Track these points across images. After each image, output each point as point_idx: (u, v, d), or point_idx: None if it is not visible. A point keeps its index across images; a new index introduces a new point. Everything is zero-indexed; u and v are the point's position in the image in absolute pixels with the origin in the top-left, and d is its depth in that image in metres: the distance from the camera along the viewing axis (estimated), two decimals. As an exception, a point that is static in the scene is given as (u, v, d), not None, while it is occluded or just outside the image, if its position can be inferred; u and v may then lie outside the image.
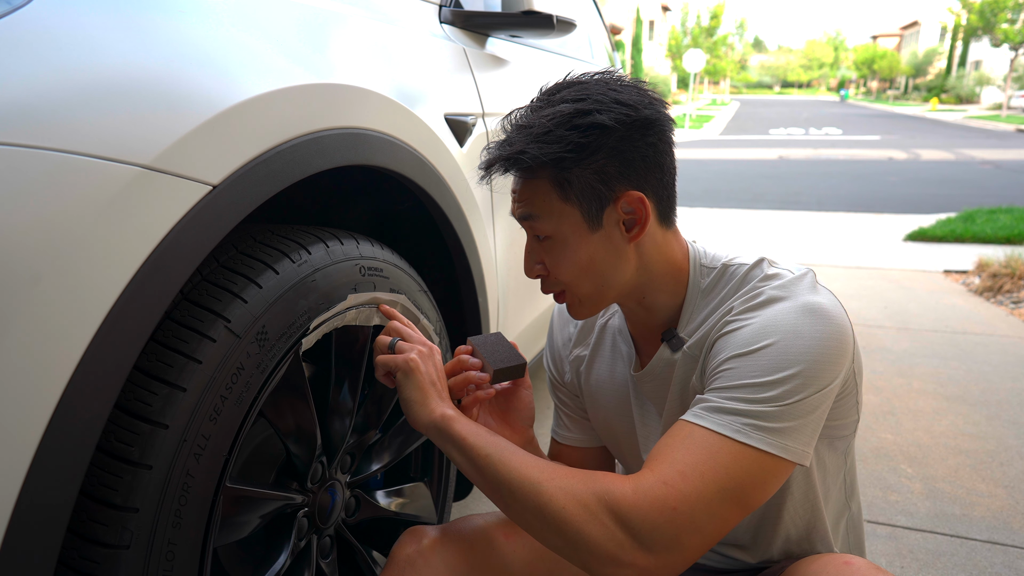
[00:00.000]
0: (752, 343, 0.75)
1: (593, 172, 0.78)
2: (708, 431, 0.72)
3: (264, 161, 0.73)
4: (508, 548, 0.92)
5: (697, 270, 0.87)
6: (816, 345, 0.74)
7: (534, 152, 0.77)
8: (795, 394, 0.72)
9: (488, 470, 0.76)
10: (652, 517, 0.68)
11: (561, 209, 0.80)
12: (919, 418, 2.25)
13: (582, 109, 0.77)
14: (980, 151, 13.41)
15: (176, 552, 0.68)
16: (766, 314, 0.77)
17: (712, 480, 0.69)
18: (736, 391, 0.74)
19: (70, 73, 0.57)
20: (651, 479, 0.70)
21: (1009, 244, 4.76)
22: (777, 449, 0.71)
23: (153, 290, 0.61)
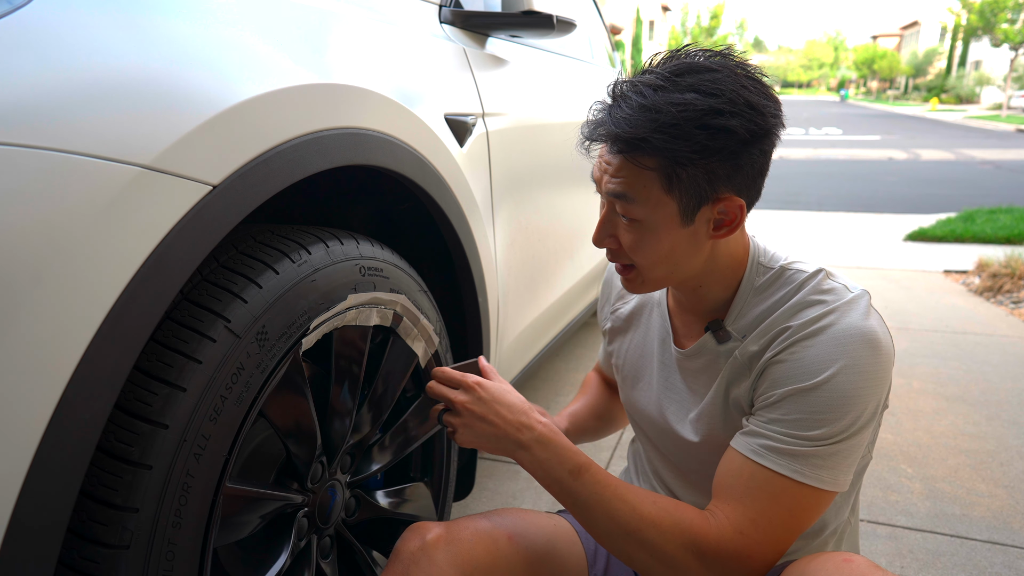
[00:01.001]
0: (809, 377, 0.78)
1: (704, 172, 0.77)
2: (770, 472, 0.78)
3: (264, 161, 0.73)
4: (512, 549, 0.92)
5: (754, 267, 0.88)
6: (870, 381, 0.77)
7: (657, 143, 0.74)
8: (847, 431, 0.77)
9: (571, 511, 0.84)
10: (731, 564, 0.77)
11: (660, 199, 0.78)
12: (919, 418, 2.25)
13: (715, 108, 0.74)
14: (980, 151, 13.41)
15: (176, 552, 0.68)
16: (824, 343, 0.78)
17: (778, 522, 0.77)
18: (793, 429, 0.78)
19: (70, 73, 0.57)
20: (728, 528, 0.77)
21: (1009, 244, 4.76)
22: (829, 485, 0.78)
23: (153, 290, 0.61)
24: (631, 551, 0.80)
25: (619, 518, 0.80)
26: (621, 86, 0.79)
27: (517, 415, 0.86)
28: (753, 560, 0.77)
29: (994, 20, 29.97)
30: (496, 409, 0.87)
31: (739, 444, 0.82)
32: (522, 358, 1.70)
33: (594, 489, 0.82)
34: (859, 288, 0.84)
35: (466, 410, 0.87)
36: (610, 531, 0.81)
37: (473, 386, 0.88)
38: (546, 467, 0.84)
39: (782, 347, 0.81)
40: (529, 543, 0.94)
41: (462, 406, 0.88)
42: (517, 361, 1.65)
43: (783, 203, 7.39)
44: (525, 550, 0.93)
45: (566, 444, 0.85)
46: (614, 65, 3.20)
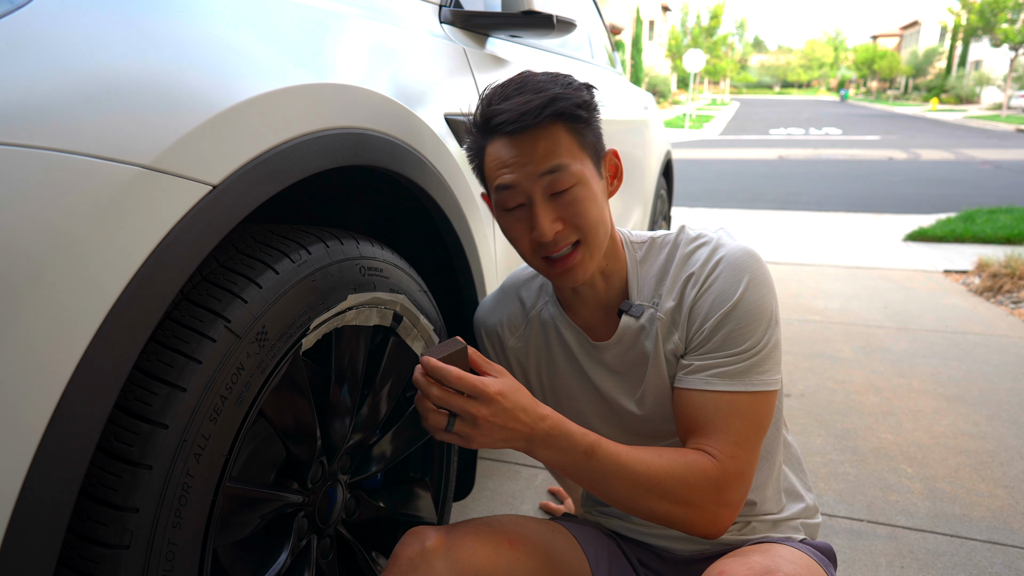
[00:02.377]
0: (728, 299, 0.89)
1: (590, 127, 0.91)
2: (730, 395, 0.88)
3: (264, 161, 0.73)
4: (512, 555, 0.91)
5: (628, 244, 1.00)
6: (767, 284, 0.90)
7: (569, 95, 0.87)
8: (767, 332, 0.89)
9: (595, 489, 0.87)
10: (736, 487, 0.86)
11: (581, 155, 0.89)
12: (919, 418, 2.25)
13: (565, 81, 0.90)
14: (980, 151, 13.42)
15: (176, 552, 0.68)
16: (725, 269, 0.90)
17: (752, 434, 0.88)
18: (731, 349, 0.89)
19: (70, 73, 0.57)
20: (723, 456, 0.86)
21: (1009, 244, 4.76)
22: (773, 384, 0.90)
23: (153, 290, 0.61)
24: (653, 504, 0.86)
25: (639, 480, 0.85)
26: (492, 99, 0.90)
27: (531, 414, 0.83)
28: (747, 475, 0.87)
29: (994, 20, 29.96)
30: (516, 415, 0.82)
31: (690, 383, 0.91)
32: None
33: (609, 461, 0.85)
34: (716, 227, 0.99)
35: (487, 422, 0.81)
36: (633, 494, 0.85)
37: (496, 398, 0.81)
38: (563, 455, 0.85)
39: (696, 288, 0.92)
40: (530, 548, 0.94)
41: (484, 420, 0.81)
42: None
43: (783, 203, 7.39)
44: (526, 556, 0.93)
45: (573, 427, 0.86)
46: (614, 65, 3.19)
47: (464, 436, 0.83)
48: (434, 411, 0.83)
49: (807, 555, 0.89)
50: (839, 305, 3.54)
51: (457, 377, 0.81)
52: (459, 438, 0.83)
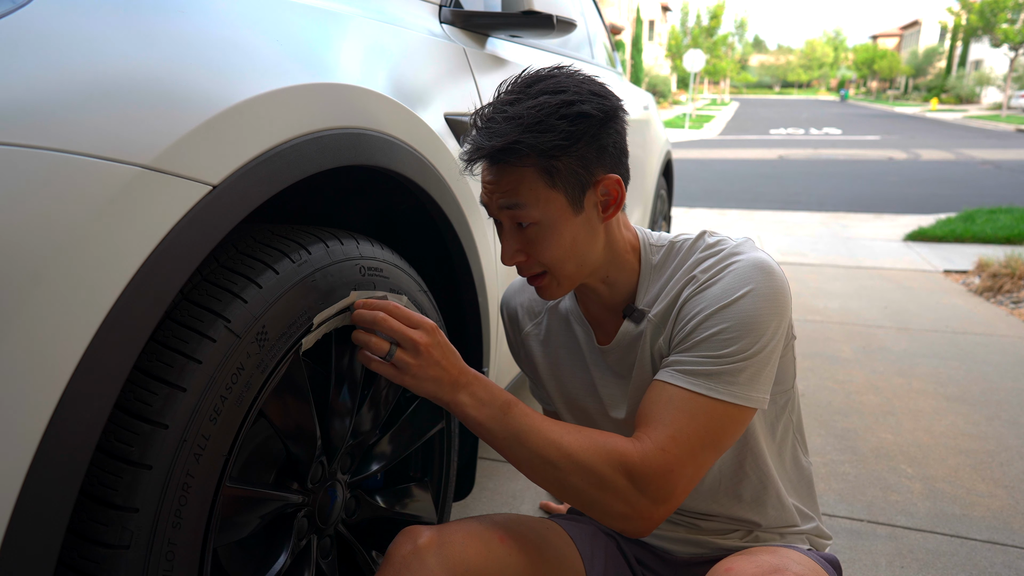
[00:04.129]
0: (718, 301, 0.85)
1: (576, 159, 0.84)
2: (685, 392, 0.84)
3: (264, 161, 0.73)
4: (504, 551, 0.92)
5: (647, 248, 0.97)
6: (769, 303, 0.85)
7: (530, 141, 0.81)
8: (753, 347, 0.84)
9: (509, 451, 0.86)
10: (658, 480, 0.81)
11: (548, 196, 0.85)
12: (919, 418, 2.25)
13: (566, 100, 0.83)
14: (980, 151, 13.41)
15: (176, 552, 0.68)
16: (727, 277, 0.87)
17: (696, 438, 0.83)
18: (705, 350, 0.84)
19: (70, 73, 0.57)
20: (651, 446, 0.82)
21: (1009, 244, 4.76)
22: (742, 400, 0.84)
23: (153, 290, 0.61)
24: (564, 477, 0.83)
25: (553, 445, 0.83)
26: (485, 110, 0.87)
27: (459, 358, 0.88)
28: (675, 475, 0.82)
29: (994, 20, 29.96)
30: (448, 355, 0.87)
31: (659, 376, 0.88)
32: (522, 358, 1.69)
33: (526, 421, 0.85)
34: (742, 236, 0.94)
35: (427, 352, 0.85)
36: (545, 458, 0.83)
37: (434, 329, 0.87)
38: (483, 403, 0.86)
39: (692, 290, 0.89)
40: (522, 544, 0.94)
41: (426, 348, 0.85)
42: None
43: (783, 203, 7.39)
44: (518, 551, 0.93)
45: (494, 384, 0.89)
46: (614, 65, 3.20)
47: (401, 366, 0.85)
48: (375, 338, 0.85)
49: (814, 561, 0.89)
50: (839, 305, 3.54)
51: (395, 306, 0.88)
52: (394, 369, 0.85)
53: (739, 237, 0.93)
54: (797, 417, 1.02)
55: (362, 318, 0.87)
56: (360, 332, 0.87)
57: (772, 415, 0.98)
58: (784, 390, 0.97)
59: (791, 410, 1.00)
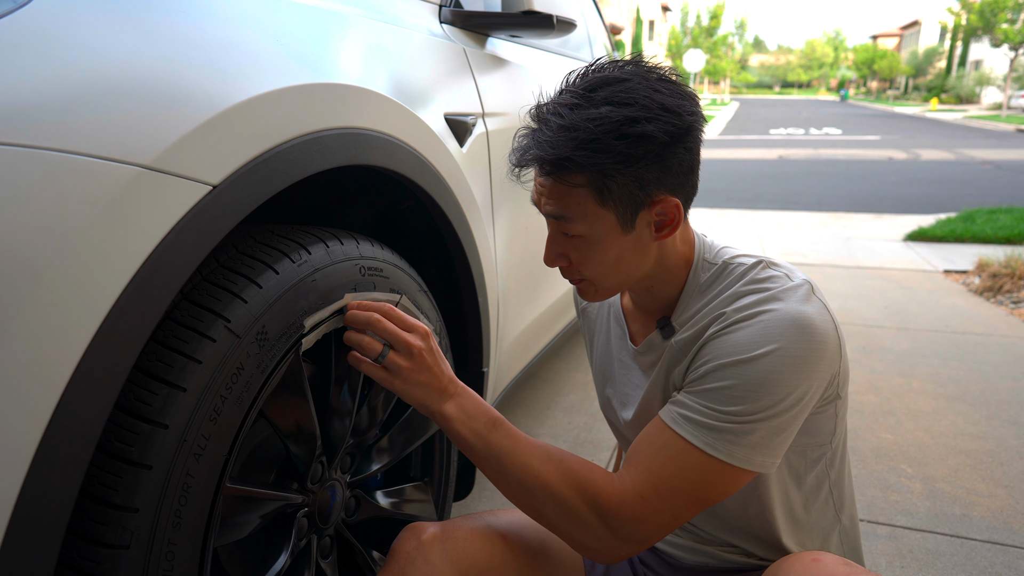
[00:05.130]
0: (736, 353, 0.78)
1: (633, 179, 0.78)
2: (682, 441, 0.79)
3: (264, 161, 0.73)
4: (507, 549, 0.92)
5: (699, 264, 0.90)
6: (798, 366, 0.77)
7: (580, 160, 0.76)
8: (766, 411, 0.77)
9: (487, 469, 0.84)
10: (630, 526, 0.79)
11: (596, 213, 0.80)
12: (919, 418, 2.25)
13: (630, 117, 0.75)
14: (980, 151, 13.41)
15: (176, 552, 0.68)
16: (756, 326, 0.79)
17: (680, 493, 0.79)
18: (712, 402, 0.78)
19: (70, 73, 0.57)
20: (630, 491, 0.79)
21: (1009, 244, 4.76)
22: (741, 463, 0.78)
23: (153, 290, 0.61)
24: (538, 504, 0.82)
25: (530, 472, 0.81)
26: (542, 109, 0.81)
27: (448, 368, 0.87)
28: (649, 525, 0.79)
29: (994, 20, 29.95)
30: (440, 363, 0.86)
31: (663, 412, 0.83)
32: (522, 358, 1.70)
33: (507, 442, 0.83)
34: (801, 277, 0.84)
35: (420, 356, 0.83)
36: (522, 484, 0.82)
37: (427, 335, 0.86)
38: (469, 418, 0.84)
39: (716, 328, 0.82)
40: (524, 542, 0.94)
41: (419, 352, 0.83)
42: (517, 361, 1.65)
43: (783, 203, 7.39)
44: (520, 549, 0.93)
45: (481, 399, 0.87)
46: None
47: (393, 369, 0.83)
48: (368, 338, 0.84)
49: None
50: (839, 305, 3.54)
51: (390, 308, 0.86)
52: (385, 372, 0.84)
53: (798, 277, 0.84)
54: (838, 473, 0.93)
55: (355, 319, 0.86)
56: (352, 333, 0.86)
57: (801, 466, 0.90)
58: (818, 443, 0.89)
59: (828, 464, 0.92)
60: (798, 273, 0.85)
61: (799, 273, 0.85)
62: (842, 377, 0.84)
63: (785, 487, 0.90)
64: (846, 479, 0.96)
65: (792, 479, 0.90)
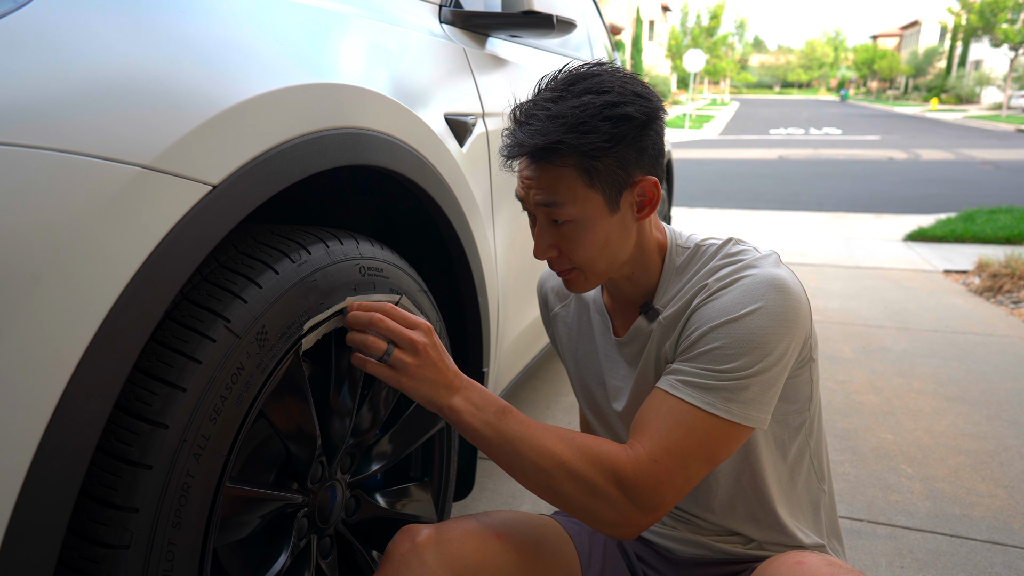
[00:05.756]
0: (724, 315, 0.85)
1: (616, 159, 0.84)
2: (684, 404, 0.84)
3: (264, 161, 0.73)
4: (501, 548, 0.93)
5: (673, 249, 0.96)
6: (779, 322, 0.83)
7: (572, 142, 0.82)
8: (756, 366, 0.83)
9: (502, 458, 0.86)
10: (648, 491, 0.82)
11: (586, 195, 0.85)
12: (919, 418, 2.25)
13: (610, 101, 0.83)
14: (980, 151, 13.41)
15: (176, 552, 0.68)
16: (737, 290, 0.86)
17: (689, 452, 0.83)
18: (707, 363, 0.84)
19: (70, 73, 0.57)
20: (644, 456, 0.83)
21: (1009, 244, 4.77)
22: (741, 419, 0.83)
23: (153, 290, 0.61)
24: (557, 484, 0.84)
25: (546, 452, 0.84)
26: (525, 106, 0.87)
27: (452, 362, 0.89)
28: (666, 487, 0.82)
29: (994, 20, 29.97)
30: (444, 358, 0.87)
31: (661, 383, 0.88)
32: (522, 358, 1.70)
33: (519, 428, 0.85)
34: (767, 249, 0.93)
35: (425, 352, 0.85)
36: (539, 466, 0.84)
37: (430, 331, 0.87)
38: (478, 409, 0.86)
39: (703, 298, 0.88)
40: (519, 542, 0.95)
41: (424, 348, 0.85)
42: (517, 361, 1.65)
43: (783, 203, 7.39)
44: (515, 549, 0.94)
45: (487, 389, 0.89)
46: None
47: (399, 366, 0.85)
48: (372, 338, 0.85)
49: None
50: (839, 305, 3.54)
51: (390, 307, 0.89)
52: (391, 370, 0.85)
53: (765, 250, 0.93)
54: (816, 442, 0.99)
55: (357, 320, 0.87)
56: (355, 334, 0.86)
57: (784, 436, 0.96)
58: (797, 410, 0.95)
59: (808, 433, 0.98)
60: (763, 247, 0.95)
61: (764, 247, 0.94)
62: (813, 340, 0.91)
63: (773, 458, 0.96)
64: (824, 450, 1.02)
65: (778, 449, 0.96)
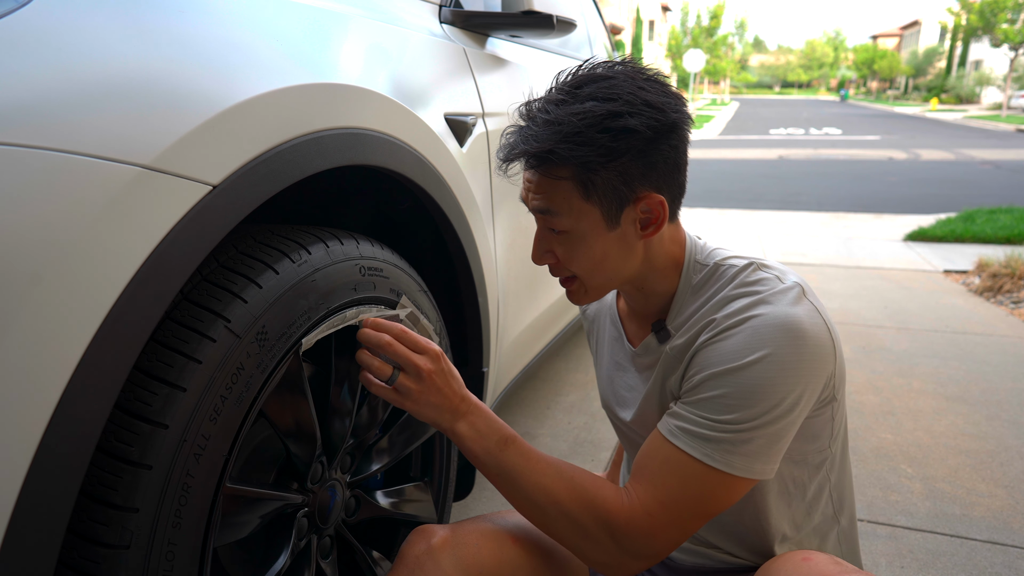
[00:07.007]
0: (727, 362, 0.79)
1: (617, 174, 0.79)
2: (682, 454, 0.79)
3: (264, 161, 0.73)
4: (516, 552, 0.92)
5: (691, 265, 0.90)
6: (789, 371, 0.77)
7: (563, 152, 0.77)
8: (760, 418, 0.77)
9: (499, 486, 0.86)
10: (639, 542, 0.80)
11: (581, 207, 0.81)
12: (919, 418, 2.25)
13: (613, 111, 0.77)
14: (980, 151, 13.41)
15: (176, 552, 0.68)
16: (745, 332, 0.79)
17: (685, 504, 0.80)
18: (708, 412, 0.79)
19: (70, 73, 0.57)
20: (638, 507, 0.80)
21: (1009, 244, 4.76)
22: (741, 472, 0.78)
23: (153, 290, 0.61)
24: (550, 521, 0.83)
25: (542, 489, 0.83)
26: (531, 106, 0.83)
27: (461, 386, 0.87)
28: (658, 540, 0.80)
29: (994, 20, 29.96)
30: (450, 383, 0.86)
31: (661, 425, 0.84)
32: (522, 358, 1.70)
33: (519, 460, 0.84)
34: (792, 279, 0.84)
35: (429, 379, 0.84)
36: (534, 500, 0.83)
37: (438, 356, 0.86)
38: (481, 435, 0.85)
39: (707, 336, 0.82)
40: (534, 545, 0.94)
41: (429, 375, 0.84)
42: (517, 361, 1.65)
43: (783, 203, 7.39)
44: (529, 553, 0.93)
45: (494, 415, 0.88)
46: (614, 65, 3.19)
47: (403, 391, 0.84)
48: (379, 362, 0.85)
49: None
50: (839, 305, 3.54)
51: (402, 330, 0.86)
52: (396, 394, 0.85)
53: (789, 278, 0.83)
54: (837, 477, 0.93)
55: (368, 339, 0.86)
56: (365, 354, 0.86)
57: (803, 475, 0.90)
58: (818, 449, 0.88)
59: (829, 467, 0.92)
60: (790, 275, 0.85)
61: (791, 275, 0.85)
62: (838, 379, 0.83)
63: (786, 497, 0.90)
64: (847, 481, 0.96)
65: (795, 488, 0.90)
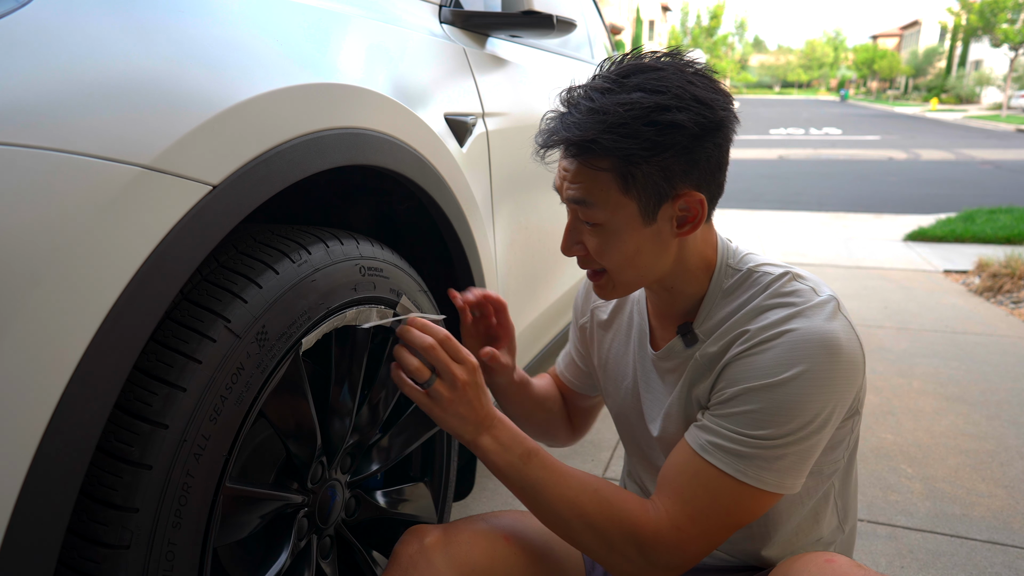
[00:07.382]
0: (762, 377, 0.77)
1: (659, 169, 0.77)
2: (713, 469, 0.78)
3: (264, 161, 0.73)
4: (509, 551, 0.92)
5: (723, 269, 0.88)
6: (824, 387, 0.76)
7: (606, 143, 0.75)
8: (794, 434, 0.77)
9: (523, 499, 0.86)
10: (668, 554, 0.80)
11: (618, 200, 0.79)
12: (919, 418, 2.25)
13: (661, 104, 0.74)
14: (980, 151, 13.41)
15: (176, 552, 0.68)
16: (781, 346, 0.77)
17: (714, 519, 0.79)
18: (741, 427, 0.78)
19: (70, 73, 0.57)
20: (666, 521, 0.80)
21: (1009, 244, 4.76)
22: (773, 487, 0.78)
23: (153, 290, 0.61)
24: (575, 534, 0.83)
25: (567, 502, 0.82)
26: (574, 92, 0.80)
27: (489, 400, 0.87)
28: (686, 553, 0.80)
29: (994, 20, 29.97)
30: (481, 395, 0.85)
31: (690, 437, 0.83)
32: (522, 358, 1.70)
33: (543, 473, 0.83)
34: (827, 292, 0.82)
35: (463, 390, 0.83)
36: (558, 514, 0.83)
37: (475, 369, 0.85)
38: (504, 450, 0.84)
39: (741, 348, 0.80)
40: (526, 544, 0.94)
41: (463, 386, 0.83)
42: (517, 361, 1.65)
43: (783, 203, 7.39)
44: (522, 551, 0.93)
45: (518, 429, 0.87)
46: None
47: (435, 397, 0.83)
48: (419, 363, 0.84)
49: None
50: (839, 305, 3.54)
51: (446, 336, 0.85)
52: (427, 399, 0.84)
53: (824, 291, 0.82)
54: (841, 483, 0.93)
55: (412, 339, 0.84)
56: (404, 352, 0.84)
57: (814, 485, 0.90)
58: (833, 460, 0.89)
59: (837, 476, 0.92)
60: (824, 288, 0.83)
61: (825, 288, 0.83)
62: (862, 392, 0.84)
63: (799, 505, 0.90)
64: (851, 488, 0.96)
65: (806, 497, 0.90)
